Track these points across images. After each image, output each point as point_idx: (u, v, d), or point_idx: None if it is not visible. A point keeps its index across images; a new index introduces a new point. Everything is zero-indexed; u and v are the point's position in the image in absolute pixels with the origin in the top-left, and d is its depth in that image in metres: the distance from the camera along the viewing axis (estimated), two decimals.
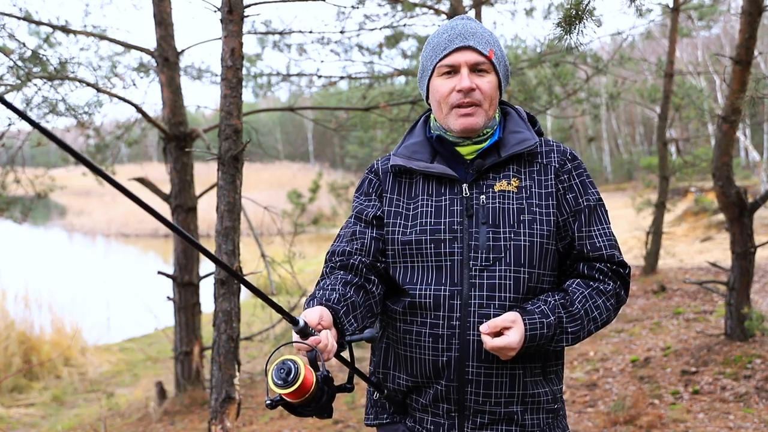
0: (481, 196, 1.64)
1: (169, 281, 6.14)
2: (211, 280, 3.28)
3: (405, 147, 1.74)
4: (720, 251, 11.89)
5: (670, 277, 9.50)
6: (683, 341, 6.15)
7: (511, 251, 1.59)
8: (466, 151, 1.69)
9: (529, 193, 1.64)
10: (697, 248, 13.30)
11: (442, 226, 1.63)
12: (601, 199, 1.70)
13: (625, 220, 14.73)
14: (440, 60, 1.66)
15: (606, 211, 1.71)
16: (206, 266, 8.29)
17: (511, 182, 1.65)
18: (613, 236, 1.69)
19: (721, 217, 13.19)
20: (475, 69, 1.64)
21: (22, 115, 0.91)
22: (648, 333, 6.69)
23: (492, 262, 1.59)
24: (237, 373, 3.09)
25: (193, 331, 6.11)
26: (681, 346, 5.97)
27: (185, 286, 6.09)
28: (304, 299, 6.67)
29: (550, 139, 1.74)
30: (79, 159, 0.96)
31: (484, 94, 1.64)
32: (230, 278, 3.06)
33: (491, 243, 1.60)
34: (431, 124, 1.76)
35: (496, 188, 1.64)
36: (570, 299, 1.60)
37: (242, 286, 3.46)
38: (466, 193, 1.65)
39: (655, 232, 9.89)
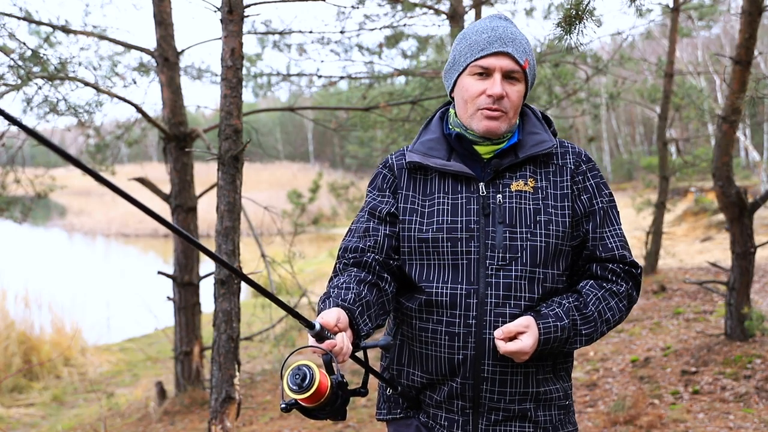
0: (498, 196, 1.64)
1: (169, 281, 6.15)
2: (211, 280, 3.28)
3: (421, 143, 1.74)
4: (720, 251, 11.89)
5: (670, 277, 9.50)
6: (683, 341, 6.15)
7: (528, 251, 1.61)
8: (484, 150, 1.69)
9: (545, 194, 1.65)
10: (697, 248, 13.31)
11: (459, 225, 1.63)
12: (613, 201, 1.73)
13: (626, 220, 14.50)
14: (476, 60, 1.64)
15: (617, 212, 1.75)
16: (206, 266, 8.29)
17: (528, 183, 1.66)
18: (624, 237, 1.73)
19: (721, 217, 13.20)
20: (508, 76, 1.64)
21: (15, 122, 0.89)
22: (648, 333, 6.68)
23: (508, 261, 1.60)
24: (237, 373, 3.09)
25: (193, 331, 6.12)
26: (681, 346, 5.96)
27: (185, 286, 6.10)
28: (304, 299, 6.72)
29: (565, 141, 1.76)
30: (74, 163, 0.96)
31: (512, 103, 1.65)
32: (230, 278, 3.07)
33: (508, 242, 1.61)
34: (451, 121, 1.75)
35: (513, 188, 1.65)
36: (584, 301, 1.63)
37: (241, 286, 3.46)
38: (482, 192, 1.65)
39: (655, 232, 9.89)
